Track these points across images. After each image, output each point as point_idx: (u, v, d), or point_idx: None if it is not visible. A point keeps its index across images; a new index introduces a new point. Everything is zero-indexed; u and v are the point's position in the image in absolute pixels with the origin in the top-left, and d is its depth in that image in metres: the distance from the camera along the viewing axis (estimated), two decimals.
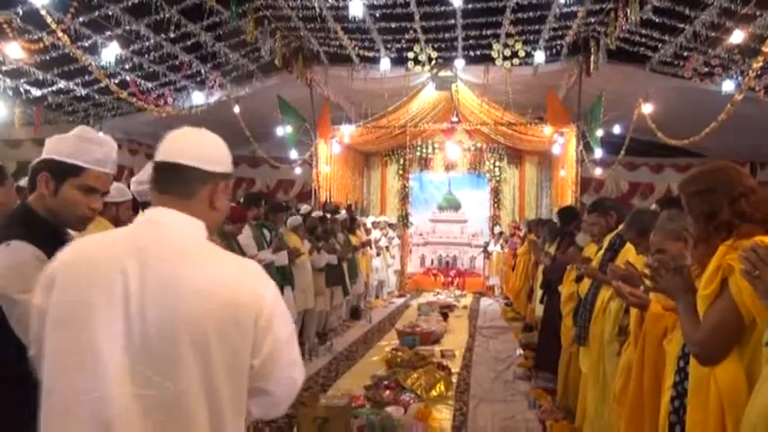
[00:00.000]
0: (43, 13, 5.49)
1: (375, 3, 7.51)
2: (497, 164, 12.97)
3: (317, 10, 7.71)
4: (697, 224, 1.87)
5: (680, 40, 7.47)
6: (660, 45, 7.92)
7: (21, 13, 6.02)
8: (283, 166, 11.61)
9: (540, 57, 8.90)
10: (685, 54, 7.90)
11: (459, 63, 9.50)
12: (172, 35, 7.30)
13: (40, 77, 7.73)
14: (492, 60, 9.17)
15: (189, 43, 7.81)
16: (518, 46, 8.80)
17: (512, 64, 9.07)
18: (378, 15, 7.99)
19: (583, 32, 8.77)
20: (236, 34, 8.00)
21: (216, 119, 7.45)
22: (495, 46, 8.90)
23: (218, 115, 8.35)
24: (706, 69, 8.03)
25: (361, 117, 11.17)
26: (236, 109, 9.19)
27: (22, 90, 8.03)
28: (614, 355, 2.83)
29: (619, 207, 3.83)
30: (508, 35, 8.61)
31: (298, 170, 11.91)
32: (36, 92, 8.19)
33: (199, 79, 9.06)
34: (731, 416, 1.68)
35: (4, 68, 7.37)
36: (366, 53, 9.45)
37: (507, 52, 8.95)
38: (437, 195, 13.32)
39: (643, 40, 7.92)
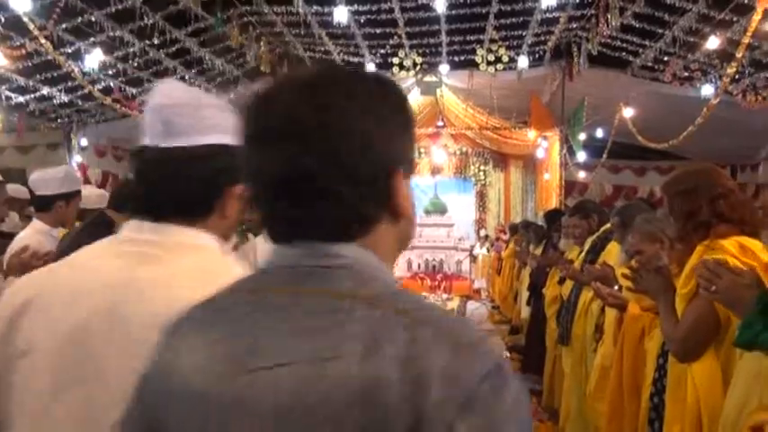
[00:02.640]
0: (25, 19, 5.47)
1: (359, 9, 7.56)
2: (483, 168, 13.06)
3: (302, 16, 7.74)
4: (677, 224, 1.92)
5: (660, 45, 7.61)
6: (641, 50, 8.05)
7: (2, 19, 5.98)
8: None
9: (523, 62, 9.00)
10: (665, 59, 8.04)
11: (444, 68, 9.57)
12: (156, 41, 7.29)
13: (23, 84, 7.67)
14: (476, 65, 9.26)
15: (174, 49, 7.79)
16: (501, 51, 8.90)
17: (495, 69, 9.17)
18: (362, 21, 8.04)
19: (565, 38, 8.89)
20: (221, 40, 8.00)
21: None
22: (479, 51, 8.99)
23: None
24: (686, 74, 8.18)
25: None
26: None
27: (3, 97, 7.96)
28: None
29: (601, 209, 3.90)
30: (492, 41, 8.70)
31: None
32: (19, 98, 8.12)
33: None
34: (707, 411, 1.73)
35: None
36: (351, 59, 9.50)
37: (491, 57, 9.04)
38: (423, 200, 13.39)
39: (624, 45, 8.05)
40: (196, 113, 1.10)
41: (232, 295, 0.71)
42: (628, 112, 8.81)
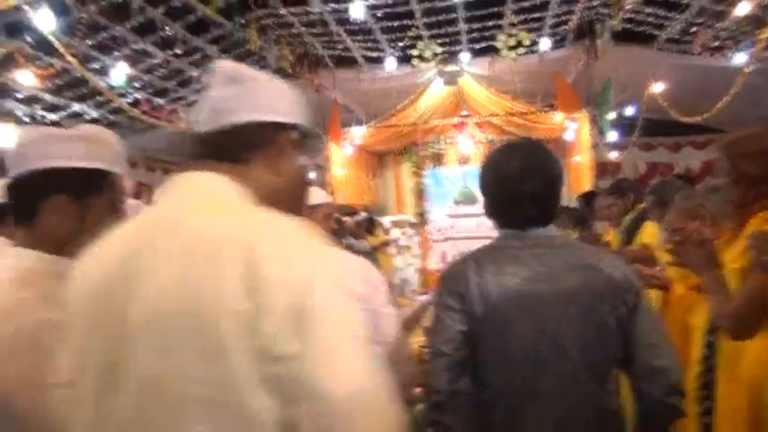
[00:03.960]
0: (51, 38, 5.60)
1: (376, 3, 7.52)
2: None
3: (319, 14, 7.75)
4: (739, 189, 1.80)
5: (686, 16, 7.37)
6: (666, 22, 7.82)
7: (31, 41, 6.13)
8: None
9: (545, 44, 8.84)
10: (693, 30, 7.79)
11: (465, 56, 9.46)
12: (178, 51, 7.39)
13: (54, 102, 7.87)
14: (497, 51, 9.13)
15: (196, 57, 7.89)
16: (522, 35, 8.75)
17: (517, 53, 9.02)
18: (379, 15, 8.00)
19: (587, 16, 8.69)
20: (241, 45, 8.07)
21: None
22: (500, 36, 8.86)
23: None
24: (716, 44, 7.92)
25: (371, 118, 11.19)
26: None
27: (37, 117, 8.18)
28: None
29: (636, 187, 3.80)
30: (511, 24, 8.56)
31: (311, 174, 11.92)
32: (51, 116, 8.34)
33: None
34: (764, 389, 1.67)
35: (18, 96, 7.51)
36: (371, 54, 9.47)
37: (512, 42, 8.90)
38: (453, 190, 13.30)
39: (648, 18, 7.83)
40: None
41: (512, 249, 1.56)
42: (657, 88, 8.57)
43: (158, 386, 0.83)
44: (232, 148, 1.01)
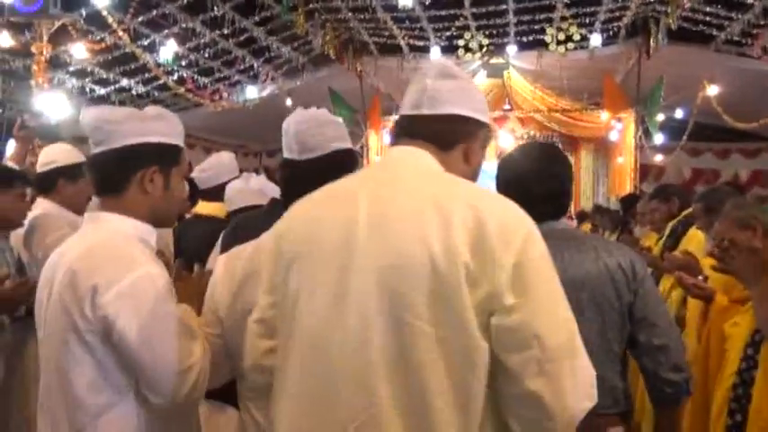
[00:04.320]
0: (105, 14, 5.72)
1: None
2: None
3: (367, 0, 7.72)
4: None
5: (748, 17, 7.06)
6: (726, 23, 7.51)
7: (84, 14, 6.28)
8: None
9: (596, 40, 8.61)
10: (754, 32, 7.46)
11: (512, 49, 9.30)
12: (225, 31, 7.47)
13: (104, 76, 8.06)
14: (545, 45, 8.93)
15: (242, 38, 7.96)
16: (572, 29, 8.54)
17: (566, 48, 8.81)
18: (427, 4, 7.92)
19: (642, 13, 8.42)
20: (287, 28, 8.11)
21: (268, 112, 7.58)
22: (549, 30, 8.67)
23: (270, 108, 8.49)
24: None
25: None
26: (288, 102, 9.33)
27: (87, 89, 8.40)
28: None
29: (682, 193, 3.67)
30: (562, 18, 8.36)
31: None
32: (100, 90, 8.54)
33: (252, 73, 9.24)
34: None
35: (70, 69, 7.72)
36: (416, 42, 9.39)
37: (561, 36, 8.70)
38: (491, 185, 13.09)
39: (707, 18, 7.53)
40: (314, 131, 1.51)
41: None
42: (712, 91, 8.26)
43: (386, 314, 0.97)
44: (443, 134, 1.17)
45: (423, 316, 0.95)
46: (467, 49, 9.30)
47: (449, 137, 1.17)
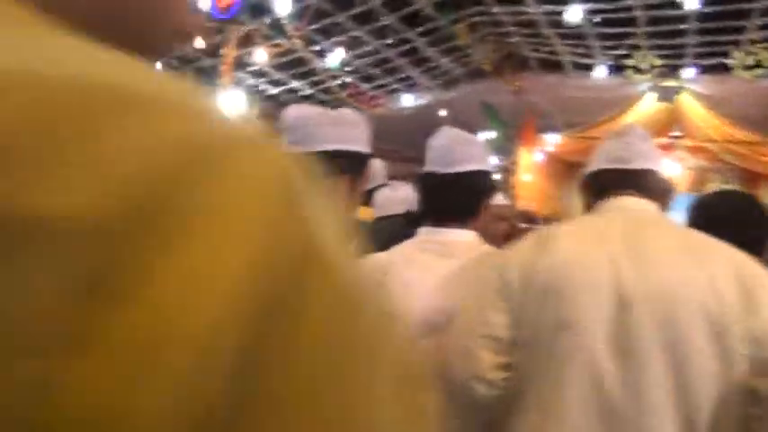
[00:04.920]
0: (285, 22, 6.24)
1: (595, 7, 7.13)
2: (723, 186, 11.43)
3: (533, 15, 7.57)
4: None
5: None
6: None
7: (267, 22, 6.89)
8: None
9: None
10: None
11: (687, 72, 8.56)
12: (390, 41, 7.77)
13: (276, 78, 8.78)
14: (728, 70, 8.11)
15: (404, 49, 8.22)
16: (764, 54, 7.66)
17: (754, 75, 7.93)
18: (596, 21, 7.57)
19: None
20: (448, 40, 8.22)
21: (422, 121, 7.74)
22: (735, 54, 7.85)
23: (424, 118, 8.66)
24: None
25: (567, 126, 10.70)
26: (443, 112, 9.44)
27: (261, 89, 9.20)
28: None
29: None
30: (751, 42, 7.53)
31: (495, 176, 11.80)
32: (272, 90, 9.31)
33: (409, 83, 9.49)
34: None
35: (249, 69, 8.52)
36: (580, 60, 9.02)
37: (750, 61, 7.84)
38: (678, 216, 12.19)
39: None
40: (461, 148, 1.58)
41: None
42: None
43: (663, 345, 1.08)
44: (659, 187, 1.35)
45: (704, 352, 1.07)
46: (636, 69, 8.74)
47: (664, 192, 1.37)
